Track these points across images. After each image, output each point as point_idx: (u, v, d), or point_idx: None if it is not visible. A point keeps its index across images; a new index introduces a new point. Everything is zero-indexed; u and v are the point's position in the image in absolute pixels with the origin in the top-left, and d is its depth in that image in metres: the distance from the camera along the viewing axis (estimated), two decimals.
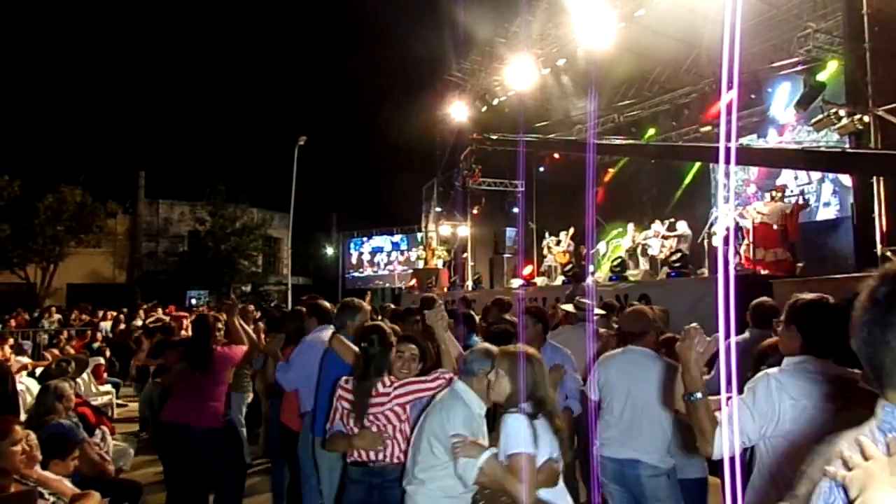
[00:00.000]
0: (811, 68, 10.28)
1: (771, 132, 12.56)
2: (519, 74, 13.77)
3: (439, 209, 19.40)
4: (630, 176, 15.49)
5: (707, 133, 12.82)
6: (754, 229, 9.30)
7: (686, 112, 13.69)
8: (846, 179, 10.65)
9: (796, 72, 10.80)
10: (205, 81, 45.03)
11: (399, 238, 27.58)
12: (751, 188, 11.50)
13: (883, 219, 8.55)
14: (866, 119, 8.65)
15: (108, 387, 8.91)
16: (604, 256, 13.02)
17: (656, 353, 3.46)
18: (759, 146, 12.01)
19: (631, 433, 3.30)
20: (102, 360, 10.32)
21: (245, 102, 47.16)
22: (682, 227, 11.38)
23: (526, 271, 15.35)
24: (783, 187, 10.30)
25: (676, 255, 10.25)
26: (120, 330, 13.11)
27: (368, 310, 4.17)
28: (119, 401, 9.11)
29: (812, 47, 10.41)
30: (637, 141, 14.33)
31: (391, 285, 26.43)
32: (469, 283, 16.50)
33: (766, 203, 9.82)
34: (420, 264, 20.47)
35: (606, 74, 13.74)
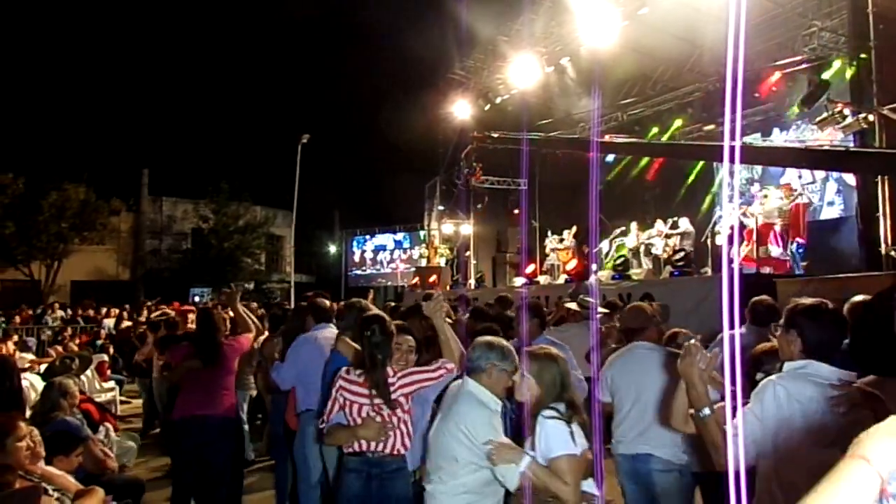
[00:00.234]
0: (816, 67, 10.24)
1: (775, 131, 12.52)
2: (522, 73, 13.74)
3: (442, 207, 19.39)
4: (634, 174, 15.44)
5: (711, 132, 12.79)
6: (757, 229, 9.28)
7: (690, 110, 13.65)
8: (850, 178, 10.60)
9: (801, 70, 10.76)
10: (208, 79, 45.10)
11: (402, 236, 27.58)
12: (755, 187, 11.46)
13: (887, 218, 8.53)
14: (871, 118, 8.63)
15: (112, 384, 8.94)
16: (607, 255, 13.00)
17: (659, 346, 3.52)
18: (764, 144, 11.96)
19: (642, 428, 3.32)
20: (106, 357, 10.36)
21: (248, 100, 47.28)
22: (684, 224, 11.37)
23: (529, 269, 15.30)
24: (787, 186, 10.26)
25: (679, 255, 10.24)
26: (123, 327, 13.15)
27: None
28: (122, 397, 9.14)
29: (817, 46, 10.37)
30: (640, 140, 14.29)
31: (394, 283, 26.44)
32: (472, 282, 16.50)
33: (762, 202, 9.82)
34: (423, 262, 20.48)
35: (610, 73, 13.69)
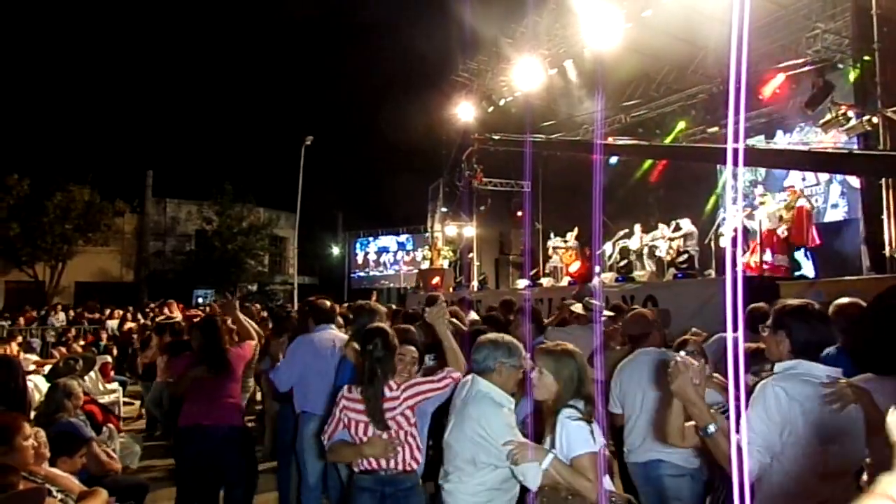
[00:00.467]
0: (820, 69, 10.21)
1: (779, 133, 12.50)
2: (526, 75, 13.74)
3: (445, 209, 19.37)
4: (637, 176, 15.41)
5: (714, 134, 12.77)
6: (761, 237, 9.25)
7: (693, 112, 13.63)
8: (854, 181, 10.57)
9: (804, 72, 10.74)
10: (212, 81, 45.23)
11: (405, 238, 27.60)
12: (758, 189, 11.43)
13: (891, 220, 8.49)
14: (875, 120, 8.60)
15: (115, 385, 8.95)
16: (610, 257, 12.97)
17: (663, 351, 3.53)
18: (767, 147, 11.93)
19: (651, 434, 3.31)
20: (109, 359, 10.38)
21: (252, 102, 47.41)
22: (686, 225, 11.34)
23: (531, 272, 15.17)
24: (791, 189, 10.22)
25: (683, 257, 10.22)
26: (127, 328, 13.17)
27: (384, 312, 4.17)
28: (126, 399, 9.15)
29: (821, 48, 10.34)
30: (643, 142, 14.26)
31: (397, 285, 26.45)
32: (474, 284, 16.49)
33: (758, 206, 9.81)
34: (426, 265, 20.47)
35: (613, 75, 13.68)
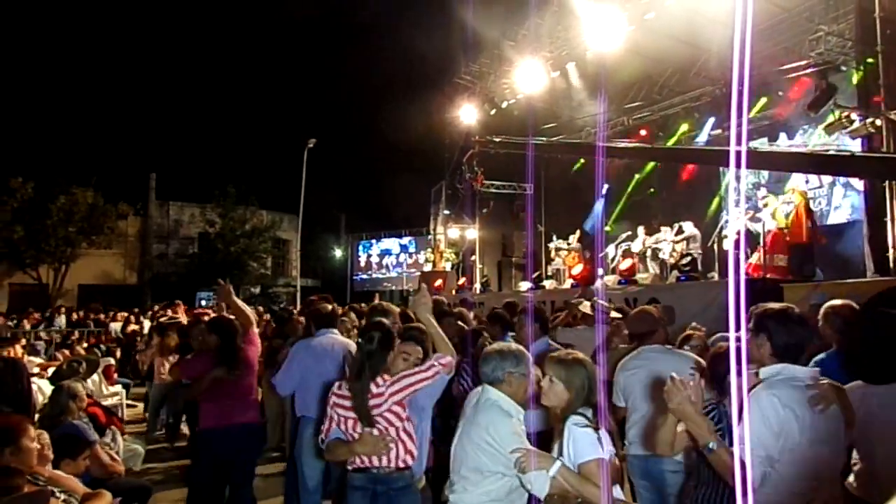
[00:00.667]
0: (823, 71, 10.19)
1: (782, 136, 12.47)
2: (528, 77, 13.74)
3: (447, 212, 19.39)
4: (641, 179, 15.40)
5: (717, 136, 12.75)
6: (764, 239, 9.23)
7: (696, 115, 13.62)
8: (858, 183, 10.54)
9: (807, 74, 10.72)
10: (215, 84, 45.40)
11: (407, 241, 27.62)
12: (761, 192, 11.40)
13: (895, 223, 8.47)
14: (878, 122, 8.58)
15: (118, 387, 8.96)
16: (612, 260, 12.95)
17: (668, 348, 3.61)
18: (769, 149, 11.91)
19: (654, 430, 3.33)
20: (113, 361, 10.40)
21: (255, 105, 47.57)
22: (689, 228, 11.33)
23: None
24: (793, 189, 10.20)
25: (686, 259, 10.20)
26: (130, 330, 13.20)
27: (397, 312, 4.17)
28: (129, 401, 9.16)
29: (824, 50, 10.32)
30: (645, 144, 14.26)
31: (399, 288, 26.45)
32: (477, 286, 16.49)
33: (767, 206, 9.80)
34: (428, 267, 20.48)
35: (615, 77, 13.68)
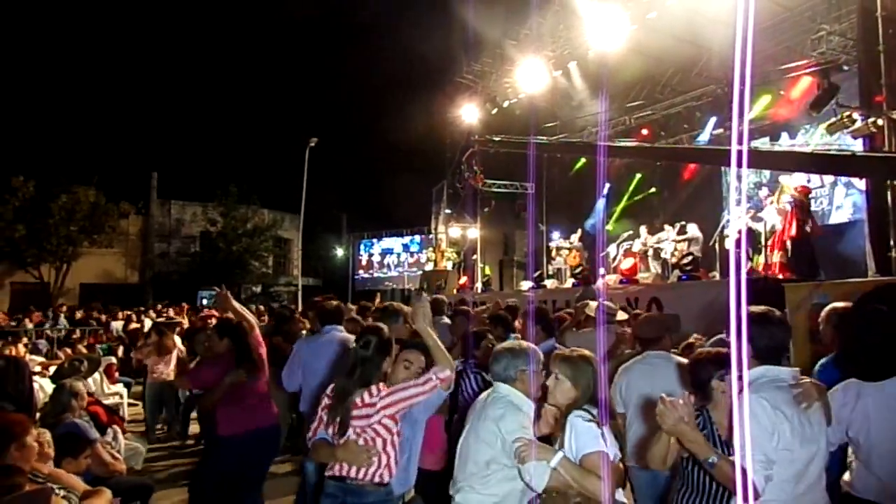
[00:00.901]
0: (825, 71, 10.17)
1: (783, 135, 12.45)
2: (530, 77, 13.73)
3: (449, 211, 19.38)
4: (642, 178, 15.39)
5: (719, 136, 12.73)
6: (766, 238, 9.21)
7: (698, 114, 13.60)
8: (859, 182, 10.51)
9: (809, 74, 10.70)
10: (216, 83, 45.42)
11: (409, 240, 27.62)
12: (762, 191, 11.38)
13: None
14: (880, 122, 8.55)
15: (120, 386, 8.98)
16: (614, 259, 12.93)
17: (673, 356, 3.59)
18: (771, 149, 11.89)
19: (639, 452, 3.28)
20: (114, 360, 10.41)
21: (257, 104, 47.60)
22: (693, 230, 11.31)
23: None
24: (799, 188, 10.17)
25: (687, 259, 10.18)
26: (131, 329, 13.21)
27: (408, 312, 4.12)
28: (130, 400, 9.18)
29: (826, 49, 10.30)
30: (646, 143, 14.23)
31: (400, 287, 26.46)
32: (478, 285, 16.48)
33: (768, 206, 9.79)
34: (430, 266, 20.48)
35: (617, 77, 13.67)
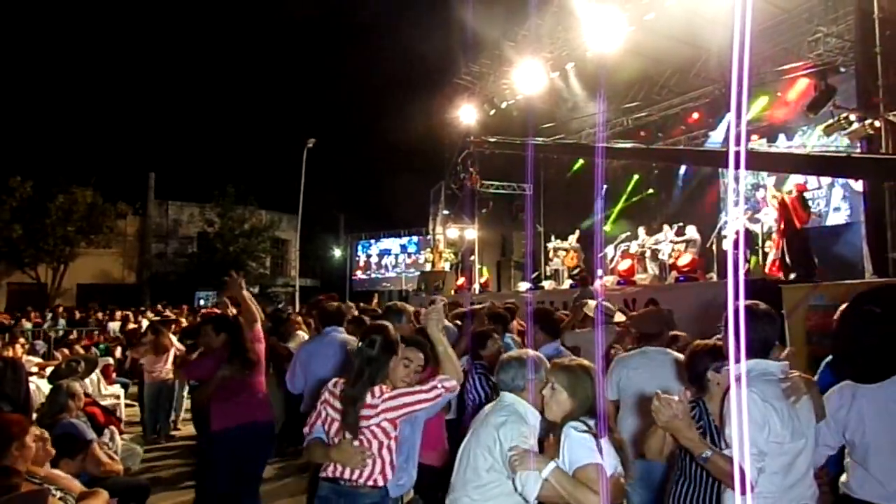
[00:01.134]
0: (822, 72, 10.20)
1: (781, 137, 12.48)
2: (527, 78, 13.74)
3: (447, 212, 19.38)
4: (639, 179, 15.41)
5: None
6: (763, 235, 9.23)
7: (696, 115, 13.63)
8: (857, 184, 10.54)
9: (806, 75, 10.73)
10: (214, 83, 45.39)
11: (407, 241, 27.60)
12: (760, 193, 11.41)
13: (894, 223, 8.46)
14: (877, 124, 8.58)
15: (117, 387, 8.96)
16: (611, 260, 12.94)
17: (671, 351, 3.59)
18: (768, 150, 11.91)
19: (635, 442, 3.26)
20: (111, 361, 10.39)
21: (254, 105, 47.54)
22: (691, 232, 11.33)
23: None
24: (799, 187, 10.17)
25: (685, 260, 10.20)
26: (129, 329, 13.19)
27: (411, 311, 4.13)
28: (127, 401, 9.16)
29: (823, 51, 10.34)
30: (644, 145, 14.25)
31: (398, 288, 26.44)
32: (476, 286, 16.48)
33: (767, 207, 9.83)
34: (427, 267, 20.47)
35: (615, 78, 13.69)
